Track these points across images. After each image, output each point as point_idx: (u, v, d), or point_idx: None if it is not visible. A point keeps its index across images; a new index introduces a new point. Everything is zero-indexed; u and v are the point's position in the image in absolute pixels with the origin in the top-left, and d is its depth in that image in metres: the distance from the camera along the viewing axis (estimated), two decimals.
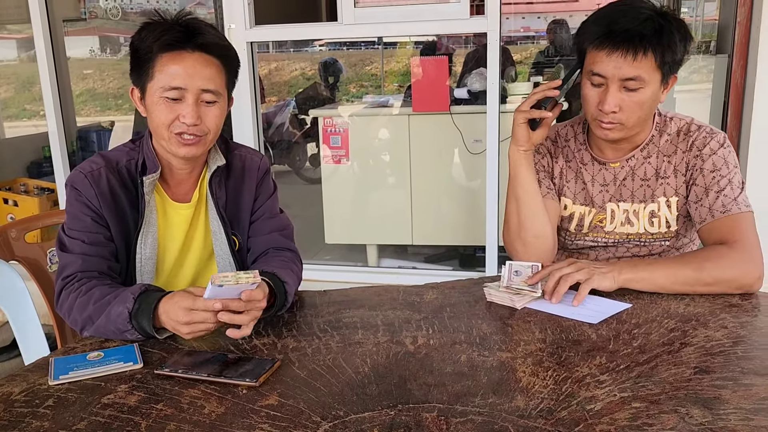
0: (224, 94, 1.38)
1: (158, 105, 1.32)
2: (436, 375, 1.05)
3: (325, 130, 3.52)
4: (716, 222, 1.42)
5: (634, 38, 1.34)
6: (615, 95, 1.38)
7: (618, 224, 1.55)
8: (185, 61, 1.31)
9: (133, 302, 1.18)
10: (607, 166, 1.54)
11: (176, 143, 1.34)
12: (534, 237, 1.51)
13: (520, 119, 1.48)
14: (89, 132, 4.29)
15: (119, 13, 4.70)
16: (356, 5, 2.93)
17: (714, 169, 1.45)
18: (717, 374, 1.02)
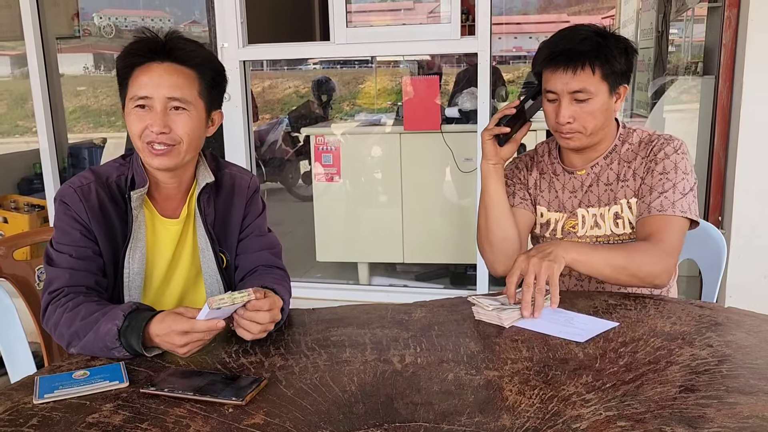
0: (197, 103, 1.37)
1: (130, 116, 1.35)
2: (423, 394, 1.05)
3: (317, 148, 3.53)
4: (650, 218, 1.53)
5: (573, 55, 1.51)
6: (567, 108, 1.53)
7: (588, 228, 1.65)
8: (153, 71, 1.34)
9: (123, 319, 1.18)
10: (575, 174, 1.66)
11: (149, 153, 1.35)
12: (501, 239, 1.65)
13: (486, 136, 1.65)
14: (81, 149, 4.28)
15: (113, 31, 4.73)
16: (348, 25, 2.96)
17: (663, 172, 1.55)
18: (702, 393, 1.02)
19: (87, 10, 5.12)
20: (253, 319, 1.20)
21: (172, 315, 1.18)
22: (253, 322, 1.21)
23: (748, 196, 2.62)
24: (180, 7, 8.19)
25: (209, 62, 1.40)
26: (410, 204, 3.53)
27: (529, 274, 1.36)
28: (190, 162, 1.43)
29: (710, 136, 2.74)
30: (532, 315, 1.34)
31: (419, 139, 3.46)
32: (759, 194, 2.62)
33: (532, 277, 1.35)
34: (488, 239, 1.67)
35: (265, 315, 1.21)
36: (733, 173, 2.63)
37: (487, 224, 1.66)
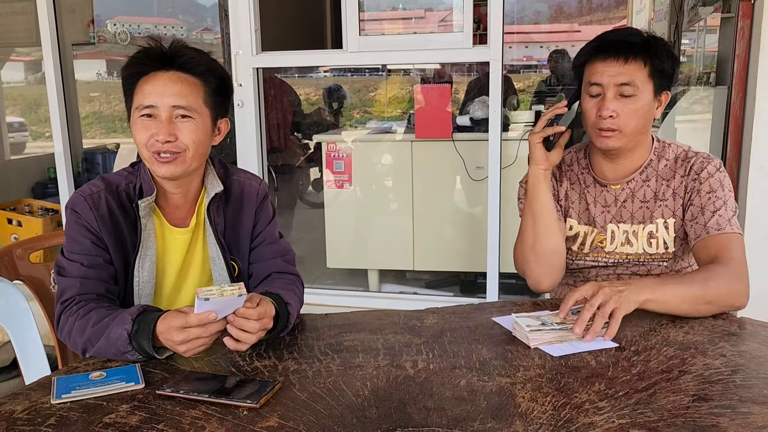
0: (202, 111, 1.38)
1: (135, 125, 1.36)
2: (436, 399, 1.06)
3: (329, 155, 3.55)
4: (710, 239, 1.48)
5: (625, 46, 1.49)
6: (611, 101, 1.48)
7: (618, 245, 1.60)
8: (158, 80, 1.35)
9: (132, 323, 1.19)
10: (608, 188, 1.60)
11: (155, 162, 1.36)
12: (550, 251, 1.58)
13: (536, 140, 1.57)
14: (95, 154, 4.33)
15: (128, 38, 4.78)
16: (361, 33, 2.99)
17: (710, 191, 1.51)
18: (715, 402, 1.02)
19: (102, 17, 5.18)
20: (241, 326, 1.18)
21: (172, 312, 1.19)
22: (241, 330, 1.19)
23: (761, 205, 2.61)
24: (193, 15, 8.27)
25: (213, 70, 1.41)
26: (421, 212, 3.53)
27: (597, 298, 1.28)
28: (196, 171, 1.43)
29: (723, 145, 2.74)
30: (582, 336, 1.27)
31: (430, 147, 3.48)
32: None
33: (598, 301, 1.28)
34: (535, 250, 1.58)
35: (254, 324, 1.19)
36: (746, 183, 2.62)
37: (536, 234, 1.58)
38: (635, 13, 5.89)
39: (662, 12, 4.80)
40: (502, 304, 1.59)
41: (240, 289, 1.15)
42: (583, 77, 1.54)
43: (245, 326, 1.19)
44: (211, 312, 1.15)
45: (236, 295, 1.15)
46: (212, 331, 1.16)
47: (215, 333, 1.18)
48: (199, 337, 1.15)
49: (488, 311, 1.47)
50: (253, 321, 1.19)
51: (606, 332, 1.28)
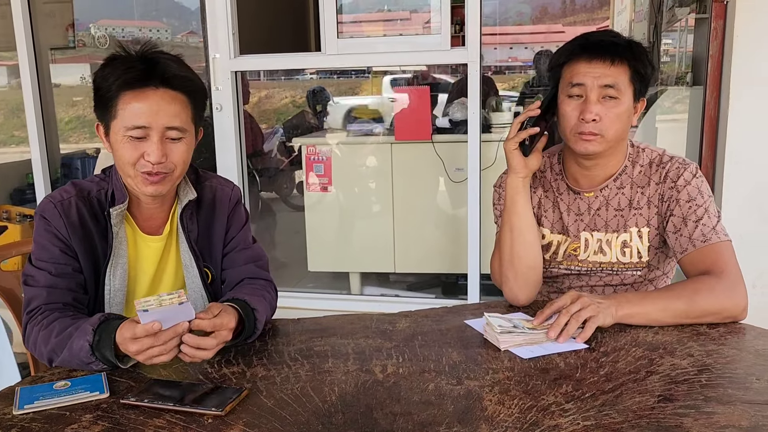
0: (191, 129, 1.35)
1: (122, 144, 1.30)
2: (403, 404, 1.05)
3: (308, 158, 3.54)
4: (698, 252, 1.43)
5: (609, 46, 1.44)
6: (595, 104, 1.43)
7: (591, 253, 1.56)
8: (149, 99, 1.28)
9: (93, 334, 1.17)
10: (582, 195, 1.56)
11: (142, 182, 1.32)
12: (527, 267, 1.52)
13: (511, 146, 1.50)
14: (73, 159, 4.28)
15: (107, 42, 4.74)
16: (339, 36, 2.98)
17: (690, 199, 1.46)
18: (680, 402, 1.03)
19: (82, 20, 5.13)
20: (197, 345, 1.16)
21: (126, 322, 1.15)
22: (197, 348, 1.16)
23: (736, 205, 2.63)
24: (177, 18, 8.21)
25: (199, 85, 1.37)
26: (401, 214, 3.53)
27: (575, 305, 1.29)
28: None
29: (699, 145, 2.76)
30: (557, 339, 1.27)
31: (410, 149, 3.48)
32: (747, 203, 2.63)
33: (575, 309, 1.28)
34: (513, 267, 1.52)
35: (209, 341, 1.17)
36: (721, 182, 2.64)
37: (514, 250, 1.52)
38: (617, 14, 5.93)
39: (642, 13, 4.84)
40: (476, 306, 1.59)
41: (179, 297, 1.11)
42: (562, 78, 1.49)
43: (201, 344, 1.16)
44: (155, 322, 1.11)
45: (176, 303, 1.10)
46: (166, 340, 1.13)
47: (171, 342, 1.14)
48: (153, 347, 1.12)
49: (461, 314, 1.47)
50: (208, 339, 1.16)
51: (579, 335, 1.27)
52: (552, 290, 1.63)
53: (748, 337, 1.30)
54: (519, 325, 1.32)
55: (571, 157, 1.56)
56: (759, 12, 2.52)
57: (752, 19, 2.51)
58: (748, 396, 1.04)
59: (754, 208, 2.63)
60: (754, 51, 2.53)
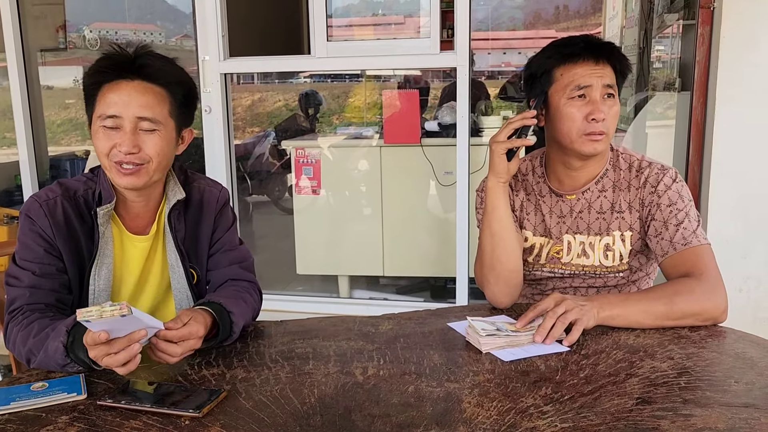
0: (167, 123, 1.35)
1: (97, 134, 1.32)
2: (382, 406, 1.05)
3: (298, 161, 3.54)
4: (678, 255, 1.44)
5: (605, 50, 1.48)
6: (603, 103, 1.45)
7: (574, 256, 1.57)
8: (122, 89, 1.31)
9: (67, 336, 1.16)
10: (564, 198, 1.57)
11: (116, 173, 1.33)
12: (508, 271, 1.53)
13: (500, 150, 1.48)
14: (62, 161, 4.27)
15: (98, 44, 4.73)
16: (330, 39, 2.99)
17: (670, 204, 1.48)
18: (658, 405, 1.03)
19: (74, 22, 5.12)
20: (164, 350, 1.16)
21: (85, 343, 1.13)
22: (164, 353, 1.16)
23: (722, 210, 2.65)
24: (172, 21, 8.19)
25: (180, 80, 1.38)
26: (390, 217, 3.53)
27: (560, 307, 1.30)
28: (158, 180, 1.41)
29: (686, 151, 2.77)
30: (544, 341, 1.27)
31: (399, 152, 3.48)
32: (733, 208, 2.65)
33: (561, 311, 1.29)
34: (495, 271, 1.52)
35: (175, 348, 1.16)
36: (708, 187, 2.66)
37: (495, 255, 1.52)
38: (609, 20, 5.96)
39: (633, 18, 4.87)
40: (460, 309, 1.59)
41: (121, 309, 1.03)
42: (555, 82, 1.48)
43: (167, 350, 1.16)
44: (102, 332, 1.07)
45: (118, 316, 1.03)
46: (119, 348, 1.08)
47: (127, 351, 1.09)
48: (109, 354, 1.09)
49: (445, 317, 1.47)
50: (173, 347, 1.16)
51: (566, 339, 1.28)
52: (536, 292, 1.64)
53: (729, 341, 1.30)
54: (502, 327, 1.32)
55: (559, 160, 1.56)
56: (745, 18, 2.54)
57: (738, 25, 2.53)
58: (725, 399, 1.04)
59: (740, 214, 2.65)
60: (740, 57, 2.55)
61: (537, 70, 1.52)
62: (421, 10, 3.39)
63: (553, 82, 1.49)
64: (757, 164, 2.61)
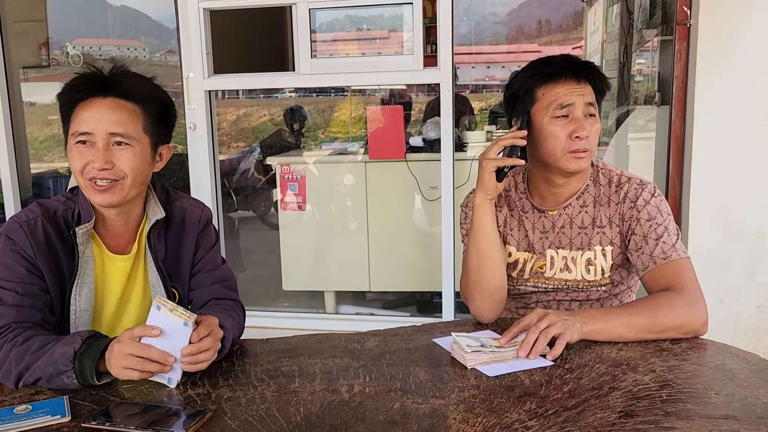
0: (142, 139, 1.36)
1: (71, 152, 1.34)
2: (368, 423, 1.05)
3: (283, 177, 3.55)
4: (659, 269, 1.46)
5: (578, 67, 1.51)
6: (586, 120, 1.48)
7: (557, 270, 1.58)
8: (95, 107, 1.32)
9: (81, 343, 1.18)
10: (546, 213, 1.59)
11: (91, 190, 1.34)
12: (494, 287, 1.54)
13: (491, 167, 1.49)
14: (44, 178, 4.24)
15: (80, 61, 4.72)
16: (314, 56, 3.01)
17: (650, 218, 1.50)
18: (640, 418, 1.04)
19: (57, 39, 5.10)
20: (199, 349, 1.20)
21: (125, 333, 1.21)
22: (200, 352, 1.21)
23: (703, 222, 2.69)
24: (156, 37, 8.19)
25: (154, 97, 1.39)
26: (376, 232, 3.55)
27: (543, 322, 1.31)
28: (137, 198, 1.41)
29: (666, 163, 2.82)
30: (528, 356, 1.28)
31: (384, 167, 3.50)
32: (713, 220, 2.69)
33: (543, 325, 1.30)
34: (480, 286, 1.54)
35: (209, 340, 1.22)
36: (688, 201, 2.70)
37: (481, 271, 1.54)
38: (590, 35, 6.05)
39: (614, 34, 4.94)
40: (445, 325, 1.60)
41: (189, 317, 1.18)
42: (537, 101, 1.50)
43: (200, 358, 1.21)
44: (156, 328, 1.18)
45: (182, 322, 1.18)
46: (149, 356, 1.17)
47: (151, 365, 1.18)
48: (132, 355, 1.17)
49: (431, 332, 1.48)
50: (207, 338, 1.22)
51: (549, 353, 1.29)
52: (520, 306, 1.65)
53: (709, 353, 1.32)
54: (486, 343, 1.33)
55: (541, 177, 1.58)
56: (720, 34, 2.59)
57: (714, 41, 2.59)
58: (706, 411, 1.06)
59: (720, 225, 2.69)
60: (717, 72, 2.61)
61: (518, 90, 1.54)
62: (405, 25, 3.42)
63: (535, 102, 1.51)
64: (736, 176, 2.66)
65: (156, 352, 1.18)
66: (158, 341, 1.18)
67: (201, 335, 1.21)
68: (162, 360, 1.18)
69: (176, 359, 1.19)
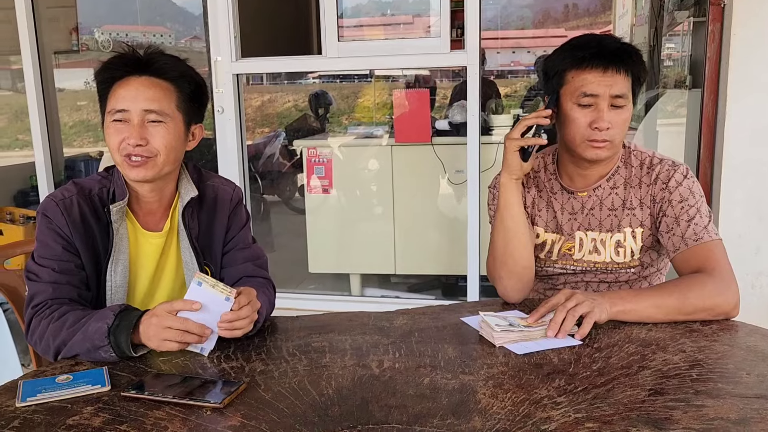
0: (175, 116, 1.39)
1: (108, 129, 1.38)
2: (399, 397, 1.07)
3: (309, 161, 3.57)
4: (690, 251, 1.45)
5: (620, 57, 1.45)
6: (608, 112, 1.44)
7: (586, 252, 1.58)
8: (130, 85, 1.37)
9: (114, 318, 1.22)
10: (575, 195, 1.58)
11: (126, 166, 1.37)
12: (521, 267, 1.54)
13: (513, 147, 1.49)
14: (77, 162, 4.32)
15: (110, 46, 4.78)
16: (340, 39, 3.01)
17: (682, 200, 1.49)
18: (670, 396, 1.04)
19: (86, 25, 5.17)
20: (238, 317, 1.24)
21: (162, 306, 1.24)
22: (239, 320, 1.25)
23: (734, 206, 2.65)
24: (181, 23, 8.25)
25: (188, 75, 1.42)
26: (402, 216, 3.55)
27: (571, 301, 1.31)
28: (170, 175, 1.44)
29: (697, 148, 2.78)
30: (556, 335, 1.28)
31: (410, 151, 3.50)
32: (744, 205, 2.65)
33: (571, 305, 1.30)
34: (507, 267, 1.54)
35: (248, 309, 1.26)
36: (720, 184, 2.66)
37: (508, 251, 1.54)
38: (618, 18, 5.95)
39: (643, 17, 4.86)
40: (473, 305, 1.61)
41: (231, 292, 1.22)
42: (566, 84, 1.48)
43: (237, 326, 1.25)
44: (196, 302, 1.21)
45: (224, 297, 1.22)
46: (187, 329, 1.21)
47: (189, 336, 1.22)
48: (172, 328, 1.20)
49: (458, 312, 1.49)
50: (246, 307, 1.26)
51: (577, 332, 1.29)
52: (548, 287, 1.65)
53: (741, 334, 1.31)
54: (514, 323, 1.34)
55: (570, 160, 1.57)
56: (756, 14, 2.54)
57: (749, 22, 2.54)
58: (738, 390, 1.06)
59: (752, 210, 2.65)
60: (751, 53, 2.56)
61: (551, 69, 1.53)
62: (431, 10, 3.40)
63: (564, 84, 1.50)
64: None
65: (194, 325, 1.21)
66: (196, 315, 1.22)
67: (241, 304, 1.24)
68: (200, 333, 1.21)
69: (213, 331, 1.23)
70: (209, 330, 1.23)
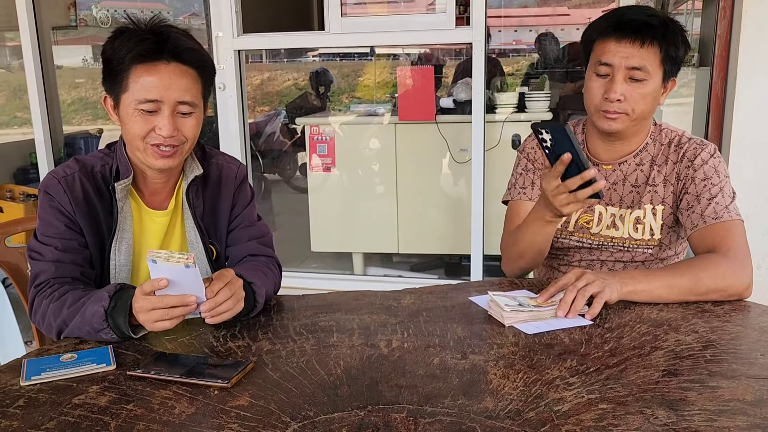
0: (200, 103, 1.36)
1: (133, 117, 1.30)
2: (408, 377, 1.06)
3: (312, 138, 3.53)
4: (708, 229, 1.43)
5: (642, 27, 1.42)
6: (621, 84, 1.43)
7: (604, 227, 1.57)
8: (161, 73, 1.29)
9: (109, 300, 1.18)
10: (600, 167, 1.56)
11: (152, 155, 1.33)
12: (536, 261, 1.58)
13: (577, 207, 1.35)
14: (76, 139, 4.29)
15: (109, 22, 4.71)
16: (343, 15, 2.96)
17: (705, 178, 1.47)
18: (684, 377, 1.03)
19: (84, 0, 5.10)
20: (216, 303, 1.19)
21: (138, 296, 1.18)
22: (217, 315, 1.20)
23: (742, 186, 2.61)
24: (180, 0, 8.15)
25: (208, 60, 1.38)
26: (405, 194, 3.53)
27: (581, 281, 1.29)
28: None
29: (705, 126, 2.74)
30: (566, 315, 1.27)
31: (414, 129, 3.47)
32: (753, 185, 2.63)
33: (582, 284, 1.29)
34: (524, 258, 1.55)
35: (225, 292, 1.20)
36: (727, 163, 2.62)
37: (528, 254, 1.54)
38: None
39: None
40: (480, 284, 1.59)
41: (187, 259, 1.12)
42: (593, 53, 1.48)
43: (220, 310, 1.20)
44: (162, 279, 1.14)
45: (182, 265, 1.12)
46: (169, 304, 1.14)
47: (175, 310, 1.15)
48: (156, 308, 1.15)
49: (466, 291, 1.47)
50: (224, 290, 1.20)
51: (588, 312, 1.28)
52: (563, 263, 1.64)
53: (753, 315, 1.30)
54: (524, 302, 1.32)
55: (594, 130, 1.56)
56: None
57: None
58: (752, 371, 1.04)
59: (760, 189, 2.63)
60: (763, 31, 2.51)
61: (586, 38, 1.52)
62: None
63: (591, 51, 1.50)
64: None
65: (174, 298, 1.15)
66: (171, 290, 1.16)
67: (215, 290, 1.19)
68: (182, 302, 1.16)
69: (197, 297, 1.17)
70: (191, 297, 1.16)
